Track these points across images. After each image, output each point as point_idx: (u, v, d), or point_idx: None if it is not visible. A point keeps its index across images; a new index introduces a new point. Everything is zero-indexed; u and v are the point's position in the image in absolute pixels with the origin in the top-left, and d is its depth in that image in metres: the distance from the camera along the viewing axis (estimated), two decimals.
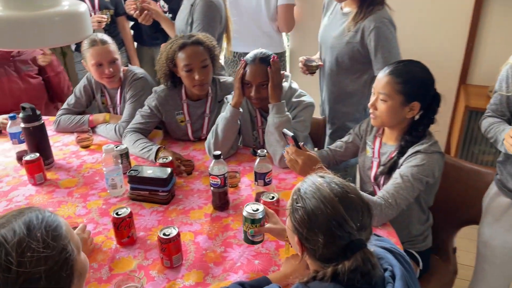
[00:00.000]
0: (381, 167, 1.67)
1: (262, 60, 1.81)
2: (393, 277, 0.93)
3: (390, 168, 1.61)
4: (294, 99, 1.93)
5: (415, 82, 1.53)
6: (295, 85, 2.00)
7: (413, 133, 1.57)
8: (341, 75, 2.08)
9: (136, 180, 1.64)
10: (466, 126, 2.77)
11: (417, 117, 1.58)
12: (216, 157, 1.54)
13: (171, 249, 1.31)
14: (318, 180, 0.98)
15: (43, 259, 0.74)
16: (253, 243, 1.37)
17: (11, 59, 2.43)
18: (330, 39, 2.07)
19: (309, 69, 2.17)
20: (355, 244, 0.91)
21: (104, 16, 2.79)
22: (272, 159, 1.87)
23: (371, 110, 1.62)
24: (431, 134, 1.59)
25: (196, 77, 1.92)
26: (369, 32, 1.90)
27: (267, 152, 1.69)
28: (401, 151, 1.58)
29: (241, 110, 1.90)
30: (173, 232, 1.32)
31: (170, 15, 2.77)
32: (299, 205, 0.96)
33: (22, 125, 1.82)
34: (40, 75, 2.55)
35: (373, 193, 1.63)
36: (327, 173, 1.03)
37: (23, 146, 1.91)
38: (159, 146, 1.92)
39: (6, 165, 1.95)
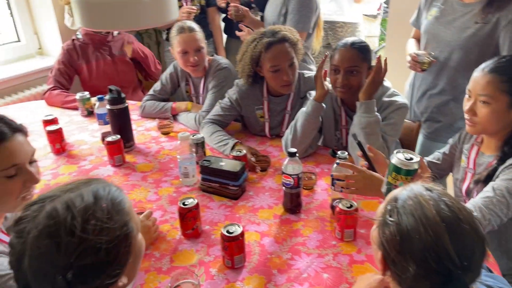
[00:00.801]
0: (477, 176, 1.42)
1: (354, 45, 1.65)
2: None
3: (487, 177, 1.36)
4: (385, 98, 1.72)
5: None
6: (387, 83, 1.79)
7: None
8: (459, 71, 1.81)
9: (208, 171, 1.59)
10: None
11: None
12: (291, 154, 1.42)
13: (233, 249, 1.22)
14: (424, 194, 0.79)
15: (105, 230, 0.72)
16: None
17: (107, 43, 2.57)
18: (445, 33, 1.82)
19: (421, 66, 1.92)
20: (455, 286, 0.72)
21: (194, 7, 2.82)
22: (354, 162, 1.69)
23: (467, 116, 1.39)
24: None
25: (284, 77, 1.81)
26: (505, 24, 1.64)
27: (349, 154, 1.51)
28: (503, 158, 1.34)
29: (324, 105, 1.75)
30: (237, 230, 1.22)
31: (259, 11, 2.70)
32: (393, 219, 0.79)
33: (108, 106, 1.87)
34: (131, 60, 2.67)
35: None
36: (437, 186, 0.83)
37: (108, 128, 1.97)
38: (236, 141, 1.85)
39: (92, 145, 2.03)
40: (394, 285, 0.82)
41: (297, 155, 1.42)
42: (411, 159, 1.13)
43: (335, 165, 1.41)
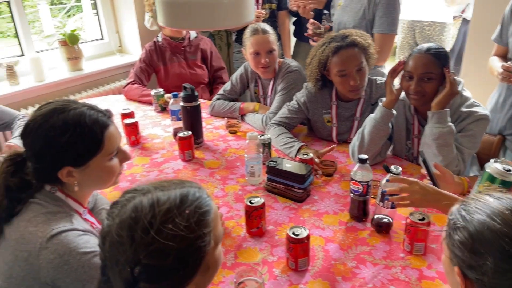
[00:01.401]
0: None
1: (430, 51, 1.58)
2: None
3: None
4: (464, 109, 1.63)
5: None
6: (467, 93, 1.69)
7: None
8: None
9: (274, 172, 1.60)
10: None
11: None
12: (362, 161, 1.39)
13: (298, 251, 1.21)
14: (485, 197, 0.79)
15: (179, 237, 0.71)
16: None
17: (182, 49, 2.73)
18: None
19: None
20: None
21: (263, 11, 2.86)
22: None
23: None
24: None
25: (351, 82, 1.78)
26: None
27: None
28: None
29: (394, 112, 1.69)
30: (303, 233, 1.22)
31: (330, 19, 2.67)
32: (460, 224, 0.77)
33: (181, 103, 1.95)
34: (204, 63, 2.83)
35: None
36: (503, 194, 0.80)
37: (180, 124, 2.05)
38: (302, 144, 1.84)
39: (164, 139, 2.12)
40: None
41: (368, 162, 1.39)
42: (510, 170, 1.06)
43: (384, 180, 1.35)
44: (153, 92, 2.43)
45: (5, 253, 1.00)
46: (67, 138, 1.01)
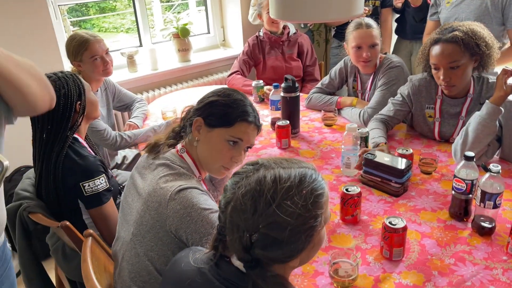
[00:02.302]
0: None
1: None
2: None
3: None
4: None
5: None
6: None
7: None
8: None
9: (372, 164, 1.61)
10: None
11: None
12: (468, 158, 1.34)
13: (393, 240, 1.23)
14: None
15: (296, 214, 0.78)
16: None
17: (281, 43, 2.83)
18: None
19: None
20: None
21: (366, 8, 2.83)
22: None
23: None
24: None
25: (441, 77, 1.72)
26: None
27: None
28: None
29: (502, 109, 1.59)
30: (400, 223, 1.23)
31: None
32: None
33: (282, 94, 2.04)
34: (299, 58, 2.91)
35: None
36: None
37: (278, 114, 2.14)
38: (384, 140, 1.81)
39: (263, 128, 2.23)
40: None
41: (474, 159, 1.34)
42: None
43: (483, 179, 1.28)
44: (253, 83, 2.56)
45: (137, 204, 1.19)
46: (219, 99, 1.26)
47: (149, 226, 1.15)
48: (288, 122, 1.98)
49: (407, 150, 1.66)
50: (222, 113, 1.23)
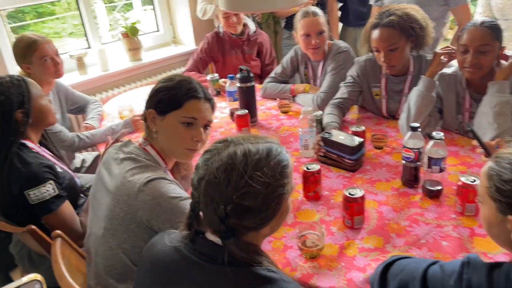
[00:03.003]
0: None
1: (485, 24, 1.62)
2: None
3: None
4: None
5: None
6: None
7: None
8: None
9: (328, 143, 1.70)
10: None
11: None
12: (413, 129, 1.46)
13: (354, 209, 1.32)
14: None
15: (266, 184, 0.84)
16: None
17: (241, 43, 2.87)
18: None
19: None
20: None
21: None
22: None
23: None
24: None
25: (382, 59, 1.86)
26: None
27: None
28: None
29: (436, 81, 1.74)
30: (358, 193, 1.32)
31: None
32: (507, 176, 0.83)
33: (238, 84, 2.09)
34: (258, 57, 2.97)
35: None
36: None
37: (236, 104, 2.20)
38: (336, 126, 1.89)
39: (221, 119, 2.28)
40: None
41: (419, 130, 1.47)
42: None
43: (429, 147, 1.41)
44: (208, 77, 2.60)
45: (107, 199, 1.20)
46: (162, 85, 1.28)
47: (120, 219, 1.16)
48: (246, 111, 2.04)
49: (359, 128, 1.77)
50: (169, 97, 1.25)
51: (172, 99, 1.25)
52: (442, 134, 1.41)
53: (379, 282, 1.01)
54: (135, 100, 2.54)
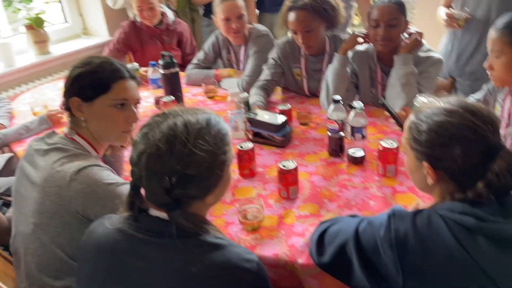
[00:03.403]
0: (510, 129, 1.52)
1: (393, 1, 1.77)
2: None
3: None
4: (421, 54, 1.84)
5: None
6: (423, 41, 1.90)
7: None
8: None
9: (254, 123, 1.75)
10: None
11: None
12: (336, 101, 1.56)
13: (289, 180, 1.38)
14: (435, 104, 0.96)
15: (209, 152, 0.86)
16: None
17: (159, 32, 2.78)
18: None
19: (458, 22, 2.02)
20: (494, 146, 0.87)
21: None
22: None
23: (488, 72, 1.50)
24: None
25: (300, 41, 1.95)
26: None
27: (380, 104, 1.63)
28: None
29: (349, 57, 1.87)
30: (291, 165, 1.39)
31: None
32: (422, 128, 0.93)
33: (161, 71, 2.05)
34: (179, 47, 2.89)
35: None
36: None
37: (160, 92, 2.15)
38: (260, 104, 1.96)
39: (146, 108, 2.21)
40: (444, 187, 0.95)
41: (341, 102, 1.57)
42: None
43: (351, 117, 1.54)
44: (129, 66, 2.49)
45: (33, 193, 1.11)
46: (82, 70, 1.18)
47: (51, 212, 1.10)
48: (173, 97, 2.00)
49: (286, 106, 1.84)
50: (93, 81, 1.18)
51: (98, 83, 1.18)
52: (361, 103, 1.52)
53: (317, 251, 1.07)
54: (47, 95, 2.38)
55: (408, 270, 0.86)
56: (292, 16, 1.93)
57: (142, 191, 0.91)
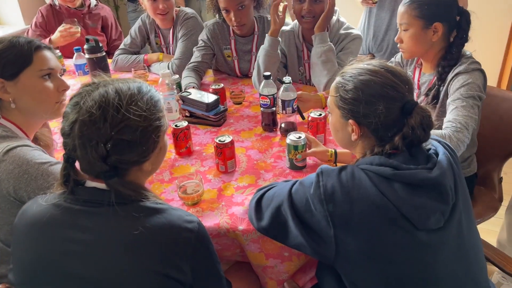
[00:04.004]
0: (422, 97, 1.69)
1: None
2: (436, 154, 0.99)
3: (433, 97, 1.62)
4: (342, 31, 1.96)
5: (430, 4, 1.51)
6: (342, 19, 2.02)
7: (448, 56, 1.56)
8: None
9: (186, 101, 1.76)
10: None
11: (451, 40, 1.57)
12: (266, 77, 1.62)
13: (226, 154, 1.42)
14: (359, 65, 1.05)
15: (143, 116, 0.86)
16: (298, 168, 1.44)
17: (82, 16, 2.66)
18: None
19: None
20: (410, 103, 0.97)
21: None
22: (317, 89, 1.93)
23: (398, 45, 1.63)
24: (470, 56, 1.57)
25: (233, 19, 1.98)
26: None
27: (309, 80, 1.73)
28: (440, 78, 1.57)
29: (279, 39, 1.94)
30: (227, 139, 1.43)
31: None
32: (349, 87, 1.01)
33: (87, 56, 1.98)
34: (103, 32, 2.80)
35: None
36: None
37: (87, 78, 2.07)
38: (192, 86, 1.98)
39: None
40: (365, 142, 1.05)
41: (271, 78, 1.63)
42: (300, 137, 1.40)
43: (281, 91, 1.61)
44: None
45: None
46: None
47: None
48: None
49: (219, 85, 1.87)
50: (13, 56, 1.14)
51: (18, 56, 1.14)
52: (290, 78, 1.60)
53: (256, 217, 1.13)
54: None
55: (338, 221, 0.94)
56: None
57: (77, 164, 0.90)
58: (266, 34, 1.94)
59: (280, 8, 1.91)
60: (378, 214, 0.93)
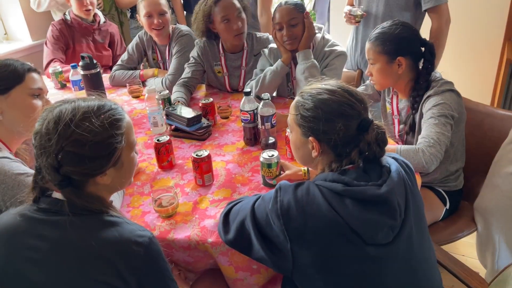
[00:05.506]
0: (402, 126, 1.73)
1: (288, 3, 1.91)
2: (389, 171, 1.02)
3: (410, 127, 1.69)
4: (326, 49, 2.00)
5: (391, 40, 1.61)
6: (328, 36, 2.07)
7: (416, 86, 1.66)
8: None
9: (169, 116, 1.83)
10: (508, 80, 2.69)
11: (420, 68, 1.67)
12: (246, 94, 1.67)
13: (203, 168, 1.47)
14: (317, 85, 1.10)
15: (93, 133, 0.91)
16: (271, 186, 1.47)
17: (92, 31, 2.79)
18: None
19: (355, 18, 2.24)
20: (366, 120, 1.03)
21: None
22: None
23: (369, 78, 1.74)
24: (440, 78, 1.65)
25: (235, 26, 2.05)
26: None
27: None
28: (413, 107, 1.67)
29: (289, 68, 2.01)
30: (204, 153, 1.48)
31: None
32: (308, 105, 1.06)
33: (82, 72, 2.06)
34: (110, 47, 2.93)
35: None
36: None
37: (83, 93, 2.16)
38: (179, 101, 2.03)
39: None
40: (324, 158, 1.09)
41: (252, 94, 1.68)
42: (273, 155, 1.43)
43: (260, 107, 1.66)
44: (50, 70, 2.47)
45: None
46: None
47: None
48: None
49: (208, 100, 1.93)
50: (8, 73, 1.26)
51: (13, 73, 1.26)
52: (268, 94, 1.65)
53: (223, 230, 1.17)
54: None
55: (293, 235, 0.98)
56: (222, 4, 2.03)
57: None
58: (280, 60, 1.99)
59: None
60: (330, 228, 0.96)
